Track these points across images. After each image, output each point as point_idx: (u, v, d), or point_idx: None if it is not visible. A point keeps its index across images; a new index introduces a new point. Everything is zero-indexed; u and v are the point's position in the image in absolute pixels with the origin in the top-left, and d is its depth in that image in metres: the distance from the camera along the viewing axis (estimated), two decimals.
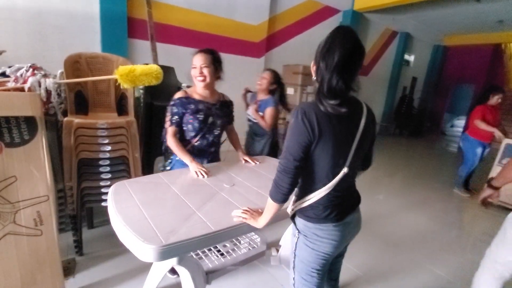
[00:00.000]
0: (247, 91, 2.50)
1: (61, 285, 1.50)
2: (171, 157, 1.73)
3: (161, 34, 3.64)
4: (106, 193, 1.80)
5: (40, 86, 1.78)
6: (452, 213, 3.29)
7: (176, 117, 1.57)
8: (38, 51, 2.97)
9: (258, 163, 1.74)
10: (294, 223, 1.05)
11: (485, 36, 7.37)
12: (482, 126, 3.42)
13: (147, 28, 3.46)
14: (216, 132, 1.67)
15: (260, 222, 1.03)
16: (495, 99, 3.45)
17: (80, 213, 1.84)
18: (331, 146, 0.90)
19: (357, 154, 0.95)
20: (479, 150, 3.58)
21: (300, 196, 1.01)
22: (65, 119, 1.70)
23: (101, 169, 1.78)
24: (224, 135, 1.86)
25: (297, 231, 1.04)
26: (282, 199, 0.95)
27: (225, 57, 1.70)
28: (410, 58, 7.92)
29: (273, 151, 2.38)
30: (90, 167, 1.75)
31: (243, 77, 4.42)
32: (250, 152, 2.40)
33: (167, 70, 2.88)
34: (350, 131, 0.93)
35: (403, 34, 7.24)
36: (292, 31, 5.09)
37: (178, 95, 1.61)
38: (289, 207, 1.05)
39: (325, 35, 0.94)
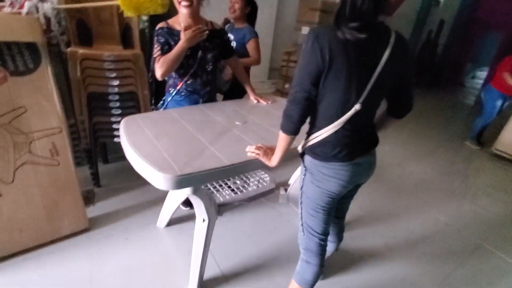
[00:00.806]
0: (226, 21, 2.20)
1: (82, 212, 1.61)
2: (163, 97, 1.59)
3: None
4: (118, 129, 1.82)
5: (37, 11, 1.65)
6: (459, 164, 3.29)
7: (167, 47, 1.37)
8: None
9: (269, 103, 1.68)
10: (303, 160, 1.05)
11: None
12: (510, 81, 3.19)
13: None
14: (209, 68, 1.49)
15: (274, 160, 1.02)
16: None
17: (94, 148, 1.88)
18: (343, 78, 0.81)
19: (374, 91, 0.85)
20: (499, 102, 3.41)
21: (309, 133, 0.98)
22: (69, 49, 1.61)
23: (111, 104, 1.75)
24: None
25: (304, 168, 1.04)
26: (292, 130, 0.91)
27: None
28: None
29: (234, 91, 2.05)
30: (100, 102, 1.72)
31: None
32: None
33: None
34: (368, 62, 0.82)
35: None
36: None
37: (159, 25, 1.42)
38: (299, 145, 1.04)
39: None
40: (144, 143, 1.06)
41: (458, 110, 6.05)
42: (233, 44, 2.00)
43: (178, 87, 1.50)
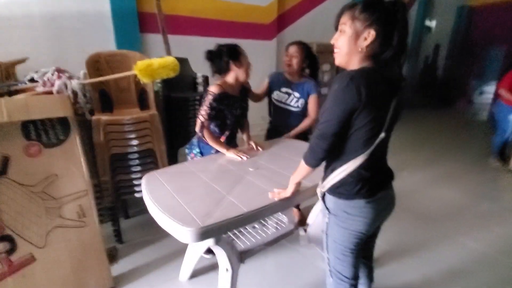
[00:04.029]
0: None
1: (107, 271, 1.63)
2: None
3: (171, 26, 3.63)
4: (138, 185, 1.91)
5: (66, 88, 1.87)
6: (486, 184, 3.16)
7: (214, 112, 1.60)
8: (58, 54, 3.09)
9: (260, 149, 1.73)
10: (324, 202, 1.05)
11: None
12: (506, 96, 3.22)
13: (158, 21, 3.48)
14: (240, 124, 1.80)
15: (290, 183, 1.10)
16: None
17: (117, 205, 1.96)
18: (375, 112, 0.87)
19: (392, 119, 0.92)
20: (511, 117, 3.37)
21: (332, 171, 0.98)
22: (93, 117, 1.78)
23: (131, 163, 1.86)
24: None
25: (327, 210, 1.03)
26: (315, 164, 0.97)
27: (236, 42, 1.69)
28: (432, 24, 7.40)
29: None
30: (121, 161, 1.84)
31: (256, 61, 4.36)
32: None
33: (182, 62, 2.90)
34: (390, 96, 0.90)
35: None
36: (303, 8, 4.90)
37: (216, 89, 1.59)
38: (318, 187, 1.05)
39: (339, 8, 0.92)
40: (165, 198, 1.12)
41: (473, 127, 5.95)
42: (296, 101, 1.92)
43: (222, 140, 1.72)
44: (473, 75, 8.45)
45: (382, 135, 0.91)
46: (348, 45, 0.90)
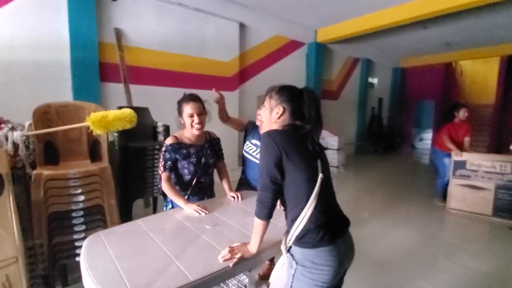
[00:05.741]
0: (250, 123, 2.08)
1: None
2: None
3: (134, 76, 3.69)
4: (80, 247, 1.70)
5: (7, 140, 1.73)
6: (432, 224, 3.39)
7: (169, 162, 1.59)
8: (5, 101, 2.90)
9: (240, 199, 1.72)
10: (291, 255, 1.06)
11: (436, 57, 8.17)
12: (448, 144, 3.71)
13: (120, 71, 3.52)
14: (210, 171, 1.74)
15: (252, 247, 1.10)
16: (461, 113, 3.73)
17: (53, 272, 1.70)
18: (300, 158, 1.03)
19: (324, 164, 1.08)
20: (447, 161, 3.82)
21: (292, 221, 1.04)
22: (34, 172, 1.63)
23: (74, 221, 1.69)
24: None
25: (294, 262, 1.05)
26: (267, 215, 1.04)
27: (200, 93, 1.74)
28: (374, 80, 8.54)
29: None
30: (62, 221, 1.66)
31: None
32: None
33: (142, 111, 2.90)
34: (312, 148, 1.08)
35: (364, 60, 7.86)
36: (263, 64, 5.36)
37: (169, 141, 1.62)
38: (282, 244, 1.09)
39: (294, 66, 1.06)
40: (103, 266, 1.01)
41: (417, 170, 6.57)
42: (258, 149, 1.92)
43: (188, 191, 1.66)
44: (412, 124, 9.75)
45: (321, 175, 1.03)
46: (266, 116, 1.16)
